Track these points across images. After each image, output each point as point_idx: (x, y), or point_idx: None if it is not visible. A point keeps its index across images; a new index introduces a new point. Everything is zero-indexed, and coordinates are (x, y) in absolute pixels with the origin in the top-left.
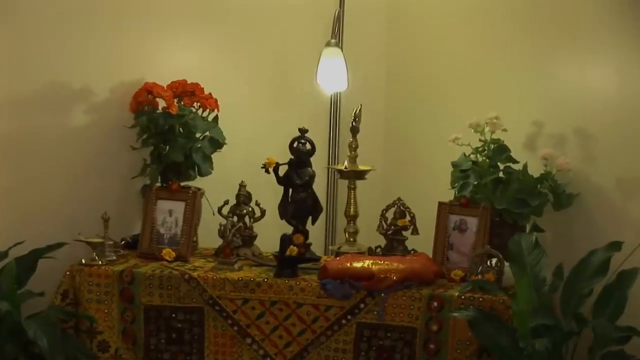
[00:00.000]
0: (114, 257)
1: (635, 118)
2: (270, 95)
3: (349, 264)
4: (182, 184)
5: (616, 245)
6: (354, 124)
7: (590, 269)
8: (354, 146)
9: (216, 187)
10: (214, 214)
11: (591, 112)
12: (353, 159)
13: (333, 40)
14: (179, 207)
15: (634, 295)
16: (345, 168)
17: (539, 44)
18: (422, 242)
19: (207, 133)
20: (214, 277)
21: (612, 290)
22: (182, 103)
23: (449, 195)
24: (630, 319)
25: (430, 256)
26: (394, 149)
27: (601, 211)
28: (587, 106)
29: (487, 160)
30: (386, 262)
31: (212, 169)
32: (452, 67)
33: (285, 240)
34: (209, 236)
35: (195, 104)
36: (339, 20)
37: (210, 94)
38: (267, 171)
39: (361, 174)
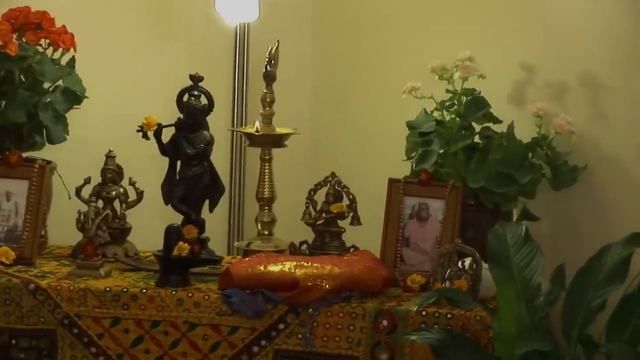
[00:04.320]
0: None
1: None
2: (149, 29)
3: (262, 268)
4: (25, 155)
5: (638, 239)
6: (268, 68)
7: (603, 272)
8: (268, 100)
9: (73, 159)
10: (70, 198)
11: (602, 52)
12: (268, 119)
13: None
14: (19, 188)
15: None
16: (257, 131)
17: None
18: (367, 235)
19: (60, 82)
20: (71, 288)
21: (632, 302)
22: (24, 40)
23: (403, 169)
24: None
25: (378, 256)
26: (325, 105)
27: (617, 191)
28: (597, 44)
29: (458, 119)
30: (315, 265)
31: (67, 134)
32: None
33: (172, 234)
34: (63, 229)
35: (42, 42)
36: None
37: (63, 26)
38: (145, 136)
39: (279, 140)
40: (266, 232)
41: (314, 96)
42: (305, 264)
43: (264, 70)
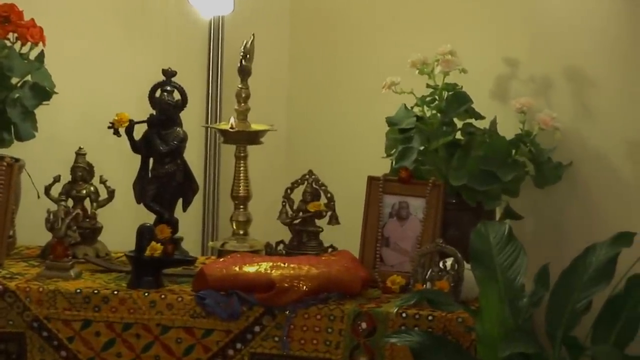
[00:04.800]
0: None
1: None
2: (121, 22)
3: (237, 269)
4: None
5: (625, 238)
6: (243, 62)
7: (589, 272)
8: (244, 96)
9: (42, 156)
10: (39, 197)
11: (588, 46)
12: (243, 115)
13: None
14: None
15: None
16: (232, 128)
17: None
18: (345, 235)
19: (29, 77)
20: (40, 290)
21: (619, 303)
22: None
23: (383, 166)
24: None
25: (357, 256)
26: (302, 100)
27: (603, 188)
28: (583, 38)
29: (439, 114)
30: (292, 265)
31: (36, 131)
32: None
33: (144, 234)
34: (32, 229)
35: (10, 35)
36: None
37: (32, 20)
38: (116, 133)
39: (255, 137)
40: (241, 232)
41: (291, 91)
42: (282, 264)
43: (239, 64)
